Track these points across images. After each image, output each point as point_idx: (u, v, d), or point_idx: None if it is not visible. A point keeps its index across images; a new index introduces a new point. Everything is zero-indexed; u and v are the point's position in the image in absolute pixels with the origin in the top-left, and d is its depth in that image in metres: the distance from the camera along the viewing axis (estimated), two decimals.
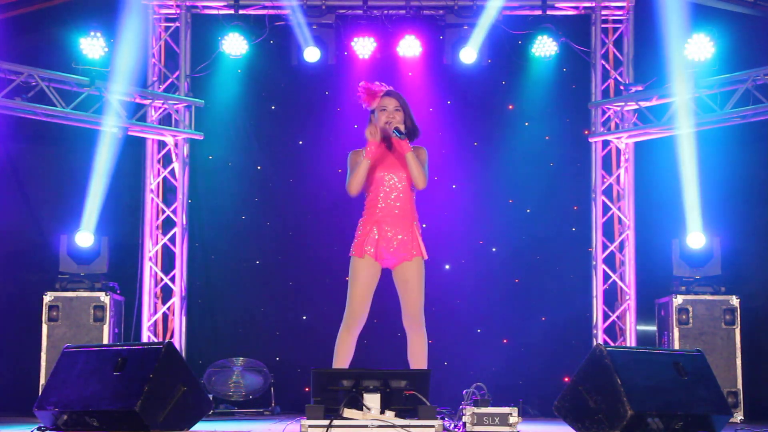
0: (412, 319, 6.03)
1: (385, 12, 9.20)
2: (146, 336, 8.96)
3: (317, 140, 9.58)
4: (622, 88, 9.19)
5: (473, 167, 9.55)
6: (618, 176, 9.23)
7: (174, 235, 9.17)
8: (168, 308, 9.15)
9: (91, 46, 8.60)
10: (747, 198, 8.99)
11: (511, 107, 9.59)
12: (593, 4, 9.20)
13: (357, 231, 6.05)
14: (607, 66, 9.34)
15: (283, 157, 9.60)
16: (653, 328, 8.89)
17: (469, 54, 9.05)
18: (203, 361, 9.05)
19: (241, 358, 8.97)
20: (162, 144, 9.24)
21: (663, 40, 8.94)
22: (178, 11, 9.27)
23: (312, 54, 9.08)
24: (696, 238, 8.41)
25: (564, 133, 9.54)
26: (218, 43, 9.09)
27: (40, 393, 7.18)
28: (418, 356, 6.03)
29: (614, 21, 9.34)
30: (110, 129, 8.74)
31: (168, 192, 9.34)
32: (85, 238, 8.47)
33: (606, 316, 9.07)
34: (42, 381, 8.04)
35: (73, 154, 9.27)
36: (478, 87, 9.51)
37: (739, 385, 8.14)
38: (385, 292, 9.43)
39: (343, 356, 6.01)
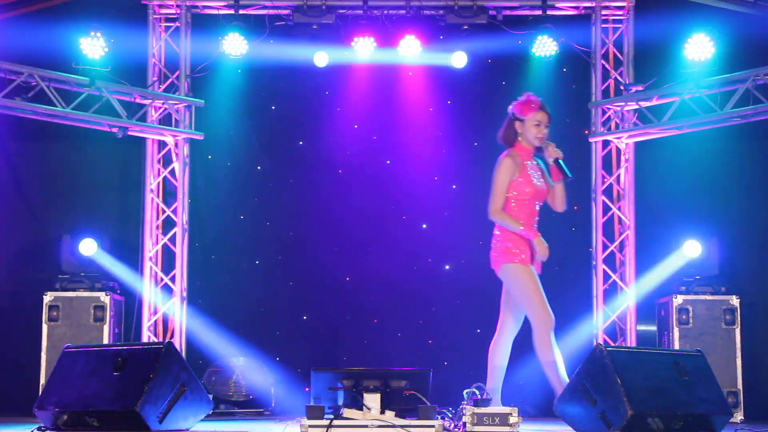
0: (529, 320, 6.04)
1: (385, 12, 9.19)
2: (146, 336, 8.96)
3: (317, 140, 9.58)
4: (622, 88, 9.18)
5: (473, 167, 9.53)
6: (618, 176, 9.23)
7: (174, 235, 9.17)
8: (168, 308, 9.15)
9: (91, 46, 8.60)
10: (747, 197, 8.98)
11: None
12: (593, 4, 9.20)
13: (511, 241, 6.04)
14: (607, 66, 9.33)
15: (283, 157, 9.60)
16: (653, 328, 8.88)
17: (459, 58, 9.08)
18: (203, 361, 9.05)
19: (241, 358, 8.96)
20: (162, 144, 9.24)
21: (663, 40, 8.95)
22: (178, 11, 9.27)
23: (321, 59, 9.10)
24: (692, 247, 8.42)
25: (564, 133, 9.50)
26: (218, 43, 9.09)
27: (40, 393, 7.19)
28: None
29: (614, 21, 9.34)
30: (110, 129, 8.75)
31: (168, 192, 9.33)
32: (88, 246, 8.49)
33: (606, 316, 9.07)
34: (42, 381, 8.04)
35: (73, 154, 9.28)
36: (478, 87, 9.50)
37: (739, 385, 8.14)
38: (386, 293, 9.50)
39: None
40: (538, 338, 6.01)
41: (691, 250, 8.45)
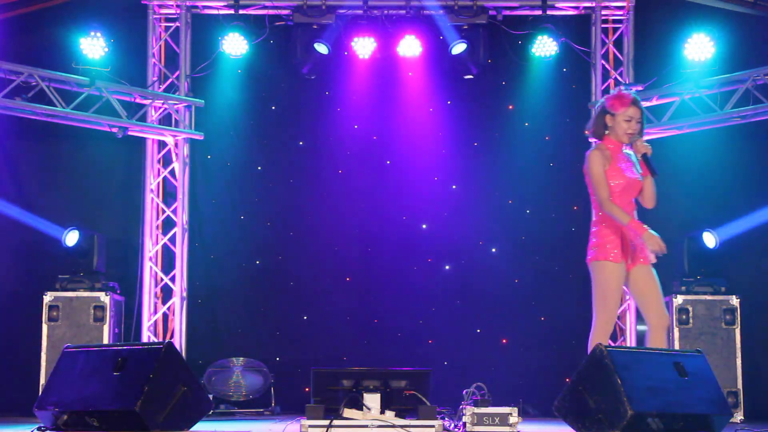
0: None
1: (385, 12, 9.19)
2: (146, 336, 8.96)
3: (317, 140, 9.58)
4: (622, 88, 9.18)
5: (473, 168, 9.55)
6: None
7: (174, 235, 9.18)
8: (168, 308, 9.15)
9: (91, 46, 8.61)
10: (747, 197, 8.98)
11: (511, 107, 9.58)
12: (593, 4, 9.20)
13: (601, 237, 5.89)
14: (607, 66, 9.34)
15: (283, 157, 9.60)
16: None
17: (459, 46, 9.05)
18: (203, 361, 9.04)
19: (241, 358, 8.97)
20: (162, 144, 9.25)
21: (663, 40, 8.96)
22: (178, 11, 9.27)
23: (322, 47, 9.06)
24: (709, 237, 8.44)
25: (564, 133, 9.53)
26: (218, 43, 9.09)
27: (40, 393, 7.18)
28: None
29: (614, 21, 9.34)
30: (110, 129, 8.75)
31: (168, 192, 9.34)
32: (71, 237, 8.51)
33: None
34: (42, 381, 8.04)
35: (73, 154, 9.28)
36: (478, 87, 9.51)
37: (739, 385, 8.14)
38: (386, 293, 9.50)
39: None
40: (593, 339, 5.82)
41: (708, 240, 8.47)
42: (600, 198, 5.84)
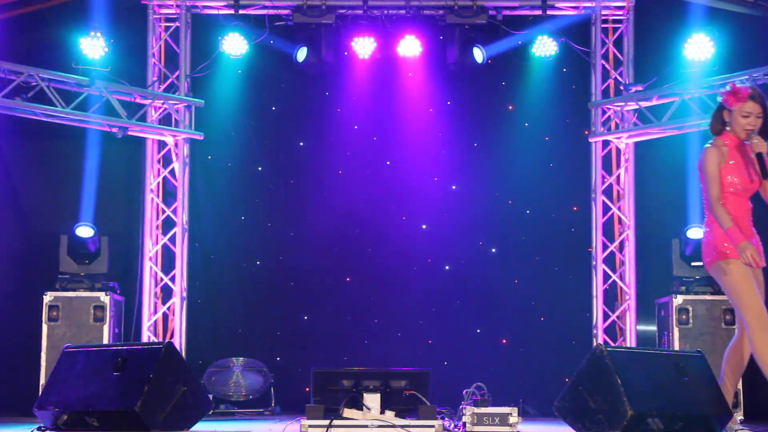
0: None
1: (385, 12, 9.20)
2: (146, 336, 8.96)
3: (318, 141, 9.59)
4: (622, 88, 9.19)
5: (473, 168, 9.55)
6: (618, 176, 9.23)
7: (174, 235, 9.17)
8: (168, 308, 9.15)
9: (91, 46, 8.61)
10: None
11: (511, 108, 9.58)
12: (593, 4, 9.20)
13: (717, 235, 5.70)
14: (607, 66, 9.34)
15: (283, 157, 9.61)
16: (653, 328, 8.89)
17: (479, 53, 9.05)
18: (203, 361, 9.05)
19: (241, 358, 8.97)
20: (162, 144, 9.25)
21: (663, 40, 8.96)
22: (178, 11, 9.27)
23: (301, 54, 9.06)
24: (695, 231, 8.43)
25: (564, 133, 9.54)
26: (218, 43, 9.10)
27: (40, 393, 7.19)
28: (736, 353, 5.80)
29: (614, 21, 9.35)
30: (110, 129, 8.75)
31: (168, 192, 9.34)
32: (85, 230, 8.51)
33: (606, 316, 9.08)
34: (42, 381, 8.04)
35: (73, 154, 9.27)
36: (478, 87, 9.51)
37: (739, 385, 8.12)
38: (385, 293, 9.50)
39: None
40: (753, 337, 5.57)
41: (694, 234, 8.43)
42: (710, 196, 5.69)
